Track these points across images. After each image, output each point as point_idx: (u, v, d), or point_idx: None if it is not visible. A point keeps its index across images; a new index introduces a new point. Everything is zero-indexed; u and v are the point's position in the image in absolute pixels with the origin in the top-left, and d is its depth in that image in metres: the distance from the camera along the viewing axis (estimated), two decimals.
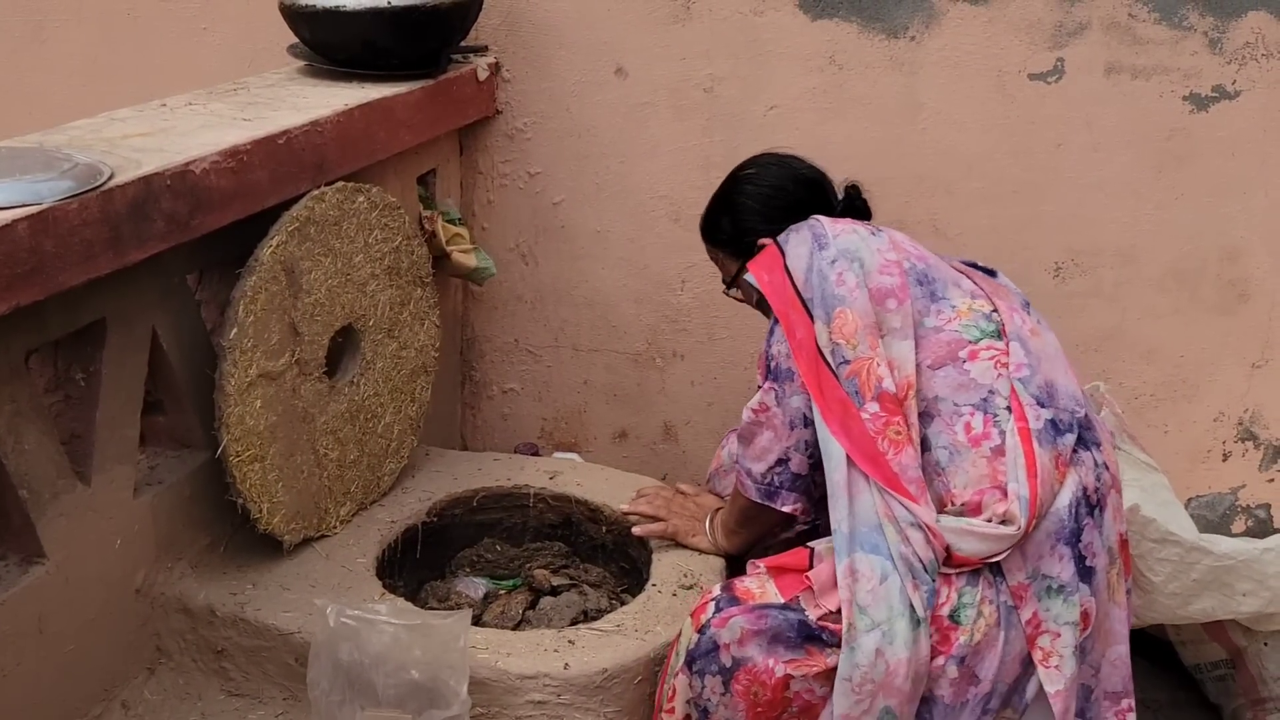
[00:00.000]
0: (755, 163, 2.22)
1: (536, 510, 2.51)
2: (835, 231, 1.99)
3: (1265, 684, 2.71)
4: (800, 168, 2.20)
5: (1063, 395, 1.96)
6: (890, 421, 1.88)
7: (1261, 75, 2.54)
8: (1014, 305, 2.04)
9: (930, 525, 1.83)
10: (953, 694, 1.86)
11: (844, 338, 1.92)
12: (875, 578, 1.83)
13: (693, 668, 1.93)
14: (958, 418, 1.92)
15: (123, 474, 1.96)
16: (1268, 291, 2.69)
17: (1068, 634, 1.87)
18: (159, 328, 1.99)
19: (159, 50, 3.00)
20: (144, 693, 2.05)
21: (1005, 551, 1.85)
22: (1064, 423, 1.92)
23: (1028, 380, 1.93)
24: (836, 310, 1.92)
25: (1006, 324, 1.98)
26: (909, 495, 1.85)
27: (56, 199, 1.61)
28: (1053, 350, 2.01)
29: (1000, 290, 2.08)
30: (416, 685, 1.86)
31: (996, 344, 1.96)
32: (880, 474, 1.86)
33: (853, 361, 1.91)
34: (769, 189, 2.16)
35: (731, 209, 2.18)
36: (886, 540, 1.85)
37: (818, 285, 1.95)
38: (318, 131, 2.14)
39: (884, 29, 2.63)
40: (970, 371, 1.93)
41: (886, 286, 1.95)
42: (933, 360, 1.94)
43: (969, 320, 1.98)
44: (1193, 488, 2.84)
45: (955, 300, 2.00)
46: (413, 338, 2.44)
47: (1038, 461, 1.86)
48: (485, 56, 2.77)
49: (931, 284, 2.00)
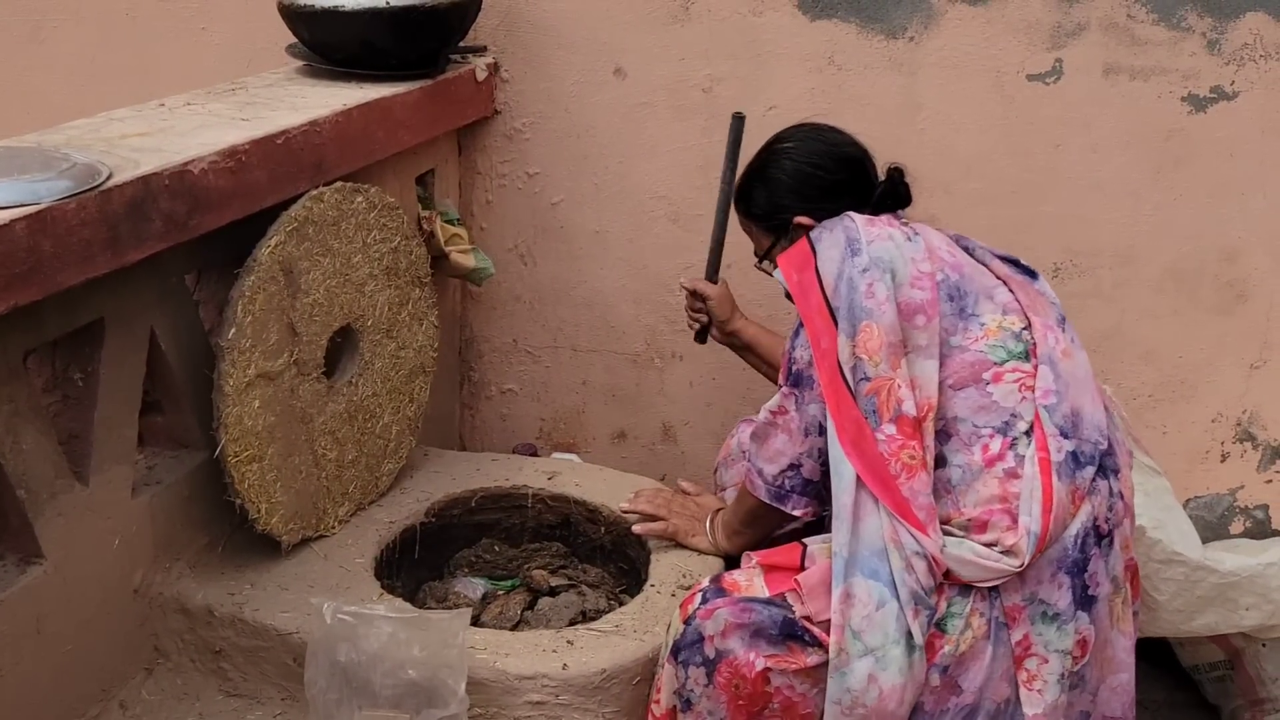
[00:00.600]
0: (793, 135, 2.15)
1: (535, 511, 2.51)
2: (870, 236, 1.93)
3: (1264, 685, 2.72)
4: (841, 143, 2.13)
5: (1087, 425, 1.91)
6: (906, 445, 1.85)
7: (1260, 76, 2.54)
8: (1049, 322, 1.98)
9: (935, 556, 1.81)
10: (933, 702, 1.85)
11: (867, 353, 1.86)
12: (872, 604, 1.81)
13: (678, 658, 1.92)
14: (976, 439, 1.89)
15: (121, 474, 1.96)
16: (1266, 292, 2.69)
17: (1055, 661, 1.85)
18: (157, 328, 1.98)
19: (157, 50, 2.99)
20: (142, 693, 2.05)
21: (1002, 580, 1.84)
22: (1086, 455, 1.89)
23: (1053, 409, 1.88)
24: (863, 324, 1.87)
25: (1039, 344, 1.93)
26: (918, 524, 1.82)
27: (55, 199, 1.61)
28: (1083, 373, 1.96)
29: (1038, 302, 2.02)
30: (414, 684, 1.86)
31: (1023, 366, 1.92)
32: (890, 499, 1.83)
33: (874, 379, 1.86)
34: (807, 166, 2.10)
35: (766, 183, 2.13)
36: (890, 566, 1.82)
37: (846, 295, 1.89)
38: (316, 132, 2.14)
39: (883, 29, 2.63)
40: (993, 394, 1.90)
41: (917, 301, 1.89)
42: (955, 380, 1.90)
43: (996, 340, 1.93)
44: (1191, 488, 2.84)
45: (985, 317, 1.95)
46: (411, 338, 2.44)
47: (1054, 497, 1.82)
48: (484, 57, 2.77)
49: (963, 299, 1.94)
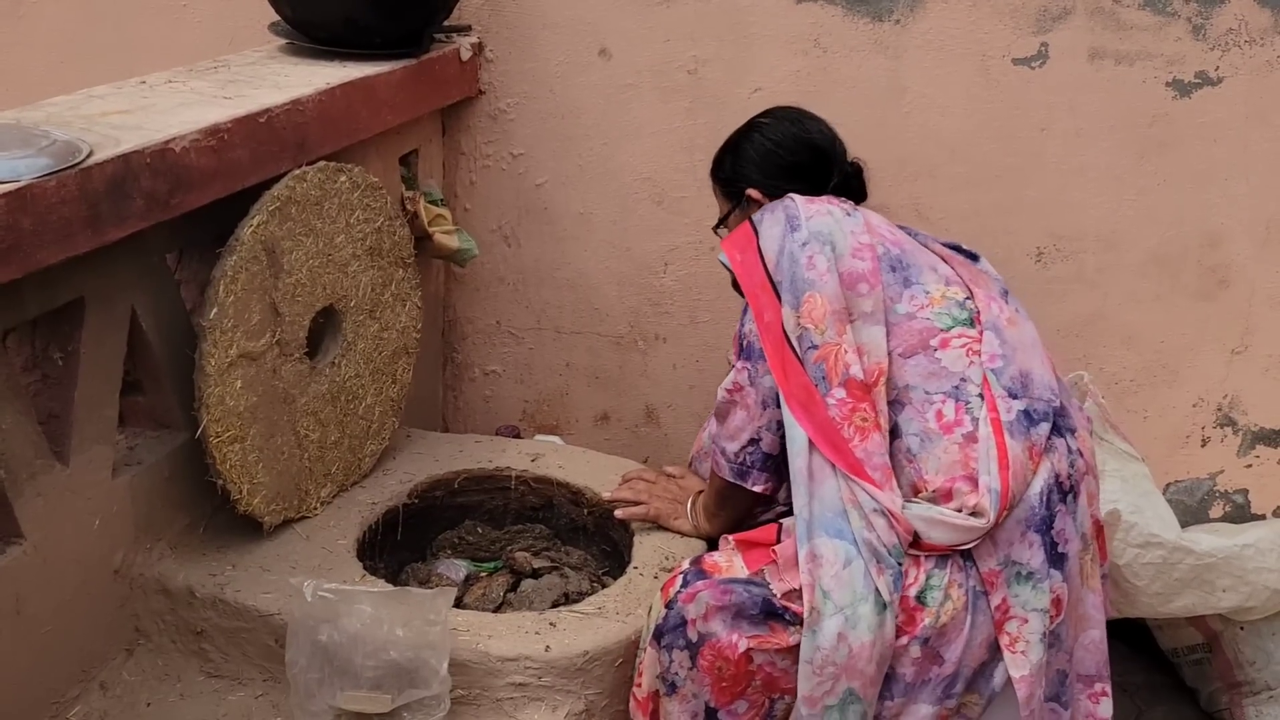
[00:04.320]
0: (773, 114, 2.22)
1: (518, 493, 2.51)
2: (809, 213, 1.99)
3: (1241, 668, 2.74)
4: (812, 131, 2.19)
5: (1038, 385, 1.95)
6: (856, 408, 1.88)
7: (1244, 62, 2.55)
8: (992, 293, 2.03)
9: (893, 511, 1.84)
10: (914, 672, 1.87)
11: (812, 322, 1.92)
12: (839, 562, 1.84)
13: (661, 642, 1.93)
14: (929, 405, 1.92)
15: (101, 454, 1.95)
16: (1248, 278, 2.70)
17: (1035, 620, 1.87)
18: (138, 307, 1.97)
19: (139, 27, 2.97)
20: (122, 674, 2.05)
21: (974, 541, 1.86)
22: (1038, 412, 1.92)
23: (1000, 371, 1.93)
24: (806, 295, 1.93)
25: (983, 312, 1.98)
26: (873, 482, 1.85)
27: (34, 176, 1.60)
28: (1030, 340, 2.01)
29: (980, 278, 2.08)
30: (396, 665, 1.86)
31: (969, 332, 1.96)
32: (843, 460, 1.87)
33: (820, 346, 1.91)
34: (772, 144, 2.16)
35: (735, 152, 2.20)
36: (850, 525, 1.85)
37: (788, 269, 1.95)
38: (299, 110, 2.12)
39: (869, 12, 2.62)
40: (941, 360, 1.93)
41: (858, 271, 1.94)
42: (904, 348, 1.94)
43: (941, 308, 1.97)
44: (1171, 473, 2.86)
45: (929, 286, 1.99)
46: (394, 319, 2.43)
47: (1009, 453, 1.86)
48: (468, 36, 2.75)
49: (905, 269, 1.99)
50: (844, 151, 2.19)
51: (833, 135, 2.19)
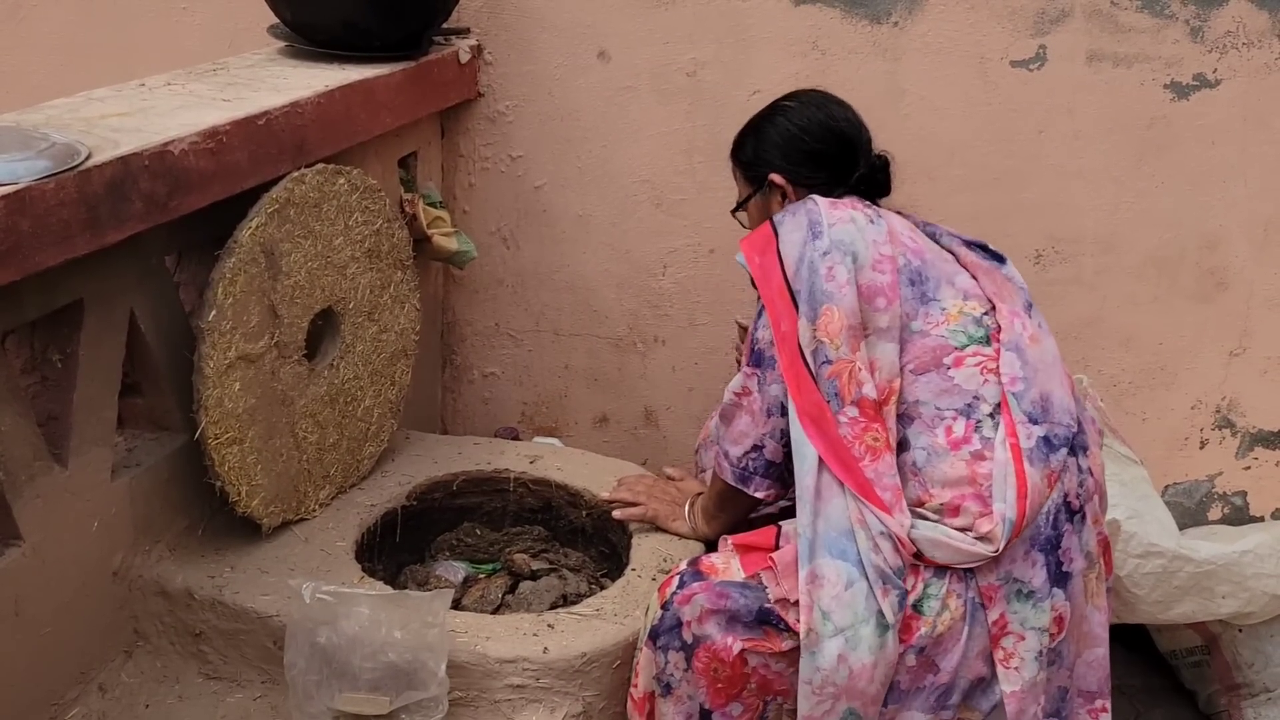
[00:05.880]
0: (798, 97, 2.17)
1: (516, 495, 2.51)
2: (832, 219, 1.94)
3: (1240, 670, 2.74)
4: (839, 119, 2.13)
5: (1057, 409, 1.92)
6: (869, 428, 1.86)
7: (1242, 64, 2.55)
8: (1015, 308, 1.99)
9: (900, 537, 1.82)
10: (909, 680, 1.86)
11: (828, 336, 1.88)
12: (840, 583, 1.82)
13: (656, 643, 1.93)
14: (939, 421, 1.90)
15: (100, 456, 1.95)
16: (1246, 280, 2.70)
17: (1032, 639, 1.86)
18: (137, 309, 1.97)
19: (138, 30, 2.97)
20: (121, 675, 2.05)
21: (976, 564, 1.85)
22: (1059, 438, 1.90)
23: (1021, 395, 1.90)
24: (824, 308, 1.89)
25: (1004, 329, 1.94)
26: (882, 505, 1.83)
27: (33, 178, 1.60)
28: (1051, 358, 1.97)
29: (1004, 288, 2.03)
30: (394, 667, 1.86)
31: (984, 350, 1.93)
32: (853, 481, 1.85)
33: (835, 362, 1.88)
34: (797, 129, 2.11)
35: (757, 134, 2.15)
36: (857, 546, 1.83)
37: (807, 278, 1.91)
38: (298, 113, 2.13)
39: (867, 14, 2.63)
40: (954, 378, 1.91)
41: (877, 284, 1.91)
42: (916, 365, 1.91)
43: (956, 325, 1.94)
44: (1170, 475, 2.86)
45: (946, 302, 1.95)
46: (393, 321, 2.43)
47: (1029, 482, 1.84)
48: (467, 39, 2.76)
49: (924, 283, 1.95)
50: (869, 141, 2.14)
51: (859, 123, 2.14)
